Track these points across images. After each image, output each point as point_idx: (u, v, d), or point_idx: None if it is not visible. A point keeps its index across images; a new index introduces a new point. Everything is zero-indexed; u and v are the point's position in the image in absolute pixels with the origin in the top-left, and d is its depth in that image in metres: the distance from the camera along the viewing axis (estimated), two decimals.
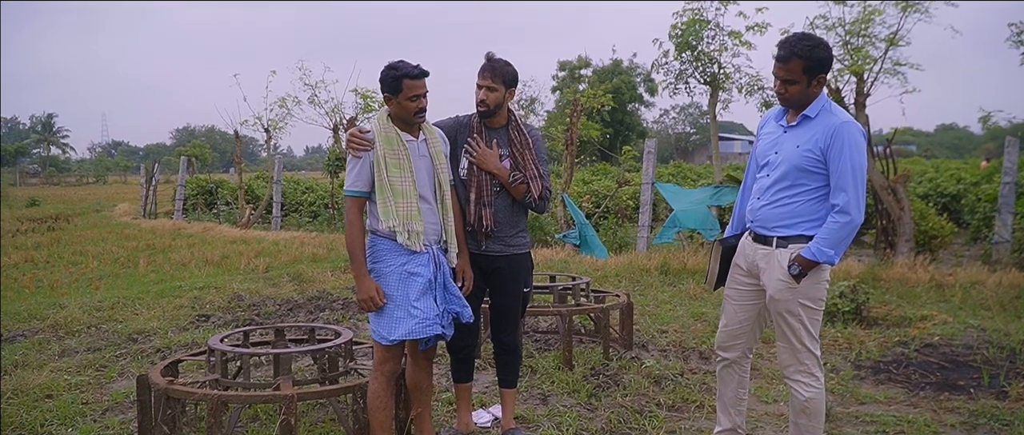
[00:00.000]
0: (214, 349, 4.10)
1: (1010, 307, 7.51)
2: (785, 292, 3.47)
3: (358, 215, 3.63)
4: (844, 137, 3.35)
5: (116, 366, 5.78)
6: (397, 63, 3.63)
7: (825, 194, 3.43)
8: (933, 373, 5.42)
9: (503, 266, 4.04)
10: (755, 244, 3.63)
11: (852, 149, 3.34)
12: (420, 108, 3.65)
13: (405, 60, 3.65)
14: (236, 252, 12.31)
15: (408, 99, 3.61)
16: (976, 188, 15.18)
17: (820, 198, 3.44)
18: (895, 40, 9.49)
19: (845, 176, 3.33)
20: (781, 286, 3.48)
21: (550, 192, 4.07)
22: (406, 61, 3.65)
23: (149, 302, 8.15)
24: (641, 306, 7.67)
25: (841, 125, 3.38)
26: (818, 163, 3.40)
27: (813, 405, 3.53)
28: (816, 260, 3.37)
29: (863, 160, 3.37)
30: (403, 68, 3.60)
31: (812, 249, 3.37)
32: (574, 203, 12.03)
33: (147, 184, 21.87)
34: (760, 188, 3.63)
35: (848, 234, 3.37)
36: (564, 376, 5.31)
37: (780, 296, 3.49)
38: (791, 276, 3.43)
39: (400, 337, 3.57)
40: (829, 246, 3.35)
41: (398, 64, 3.63)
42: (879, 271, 8.92)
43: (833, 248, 3.35)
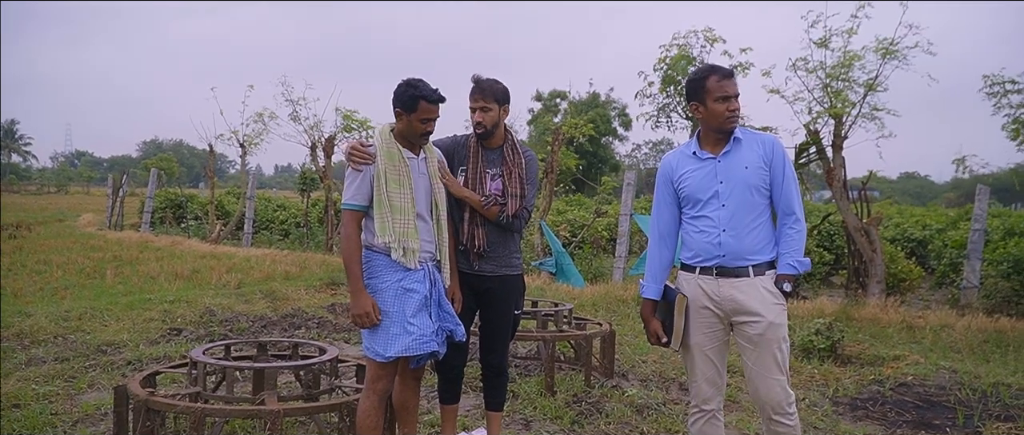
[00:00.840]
0: (197, 361, 4.01)
1: (979, 351, 7.63)
2: (782, 315, 3.41)
3: (356, 229, 3.58)
4: (781, 149, 3.49)
5: (86, 377, 5.64)
6: (417, 82, 3.60)
7: (770, 213, 3.49)
8: (909, 411, 5.47)
9: (494, 287, 4.02)
10: (724, 280, 3.43)
11: (787, 160, 3.50)
12: (427, 131, 3.65)
13: (426, 82, 3.62)
14: (206, 267, 12.12)
15: (420, 120, 3.59)
16: (942, 234, 15.48)
17: (770, 217, 3.49)
18: (874, 85, 9.68)
19: (790, 185, 3.44)
20: (778, 310, 3.40)
21: (528, 213, 4.05)
22: (427, 83, 3.62)
23: (118, 314, 7.98)
24: (619, 336, 7.66)
25: (775, 140, 3.50)
26: (766, 180, 3.45)
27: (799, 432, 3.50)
28: (800, 273, 3.43)
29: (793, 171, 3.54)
30: (423, 89, 3.58)
31: (792, 263, 3.40)
32: (552, 232, 12.06)
33: (114, 195, 21.50)
34: (719, 221, 3.44)
35: (804, 241, 3.48)
36: (546, 402, 5.28)
37: (780, 320, 3.40)
38: (784, 296, 3.42)
39: (396, 354, 3.50)
40: (802, 255, 3.43)
41: (419, 83, 3.60)
42: (851, 310, 9.02)
43: (802, 255, 3.44)
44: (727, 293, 3.45)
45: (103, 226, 21.03)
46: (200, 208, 20.86)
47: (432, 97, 3.59)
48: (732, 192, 3.43)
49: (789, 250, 3.39)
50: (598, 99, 46.70)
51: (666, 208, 3.64)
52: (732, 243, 3.43)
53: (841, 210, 10.26)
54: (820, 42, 9.91)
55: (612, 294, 9.95)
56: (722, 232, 3.46)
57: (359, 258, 3.56)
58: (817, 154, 10.27)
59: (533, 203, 4.14)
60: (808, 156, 10.38)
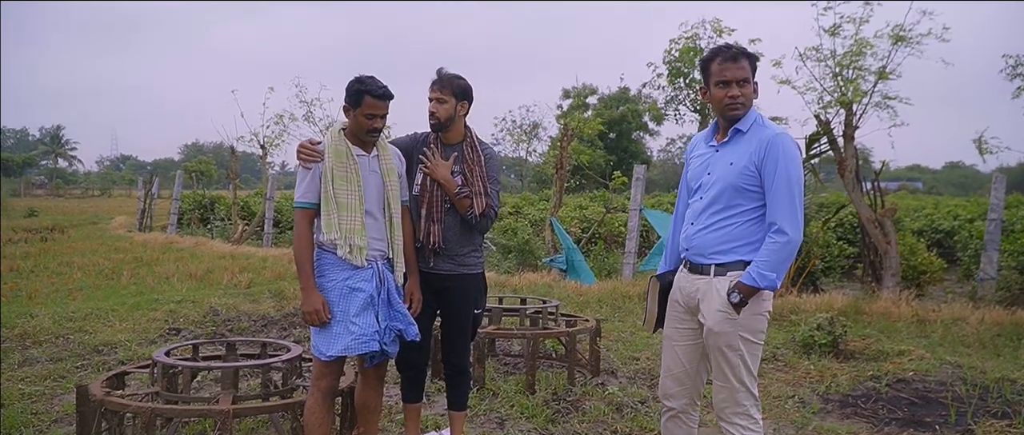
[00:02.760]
0: (157, 361, 4.03)
1: (990, 345, 7.39)
2: (725, 324, 3.20)
3: (307, 227, 3.58)
4: (779, 150, 3.15)
5: (74, 377, 5.71)
6: (365, 78, 3.60)
7: (762, 215, 3.21)
8: (901, 409, 5.32)
9: (453, 285, 3.97)
10: (691, 276, 3.36)
11: (787, 162, 3.14)
12: (374, 128, 3.61)
13: (376, 78, 3.62)
14: (221, 267, 12.26)
15: (364, 115, 3.57)
16: (970, 225, 15.08)
17: (758, 219, 3.22)
18: (885, 73, 9.43)
19: (780, 192, 3.13)
20: (720, 317, 3.21)
21: (495, 211, 3.99)
22: (376, 79, 3.61)
23: (123, 314, 8.09)
24: (617, 332, 7.59)
25: (775, 137, 3.17)
26: (753, 180, 3.19)
27: None
28: (757, 286, 3.12)
29: (800, 174, 3.17)
30: (368, 84, 3.57)
31: (752, 274, 3.12)
32: (562, 228, 11.98)
33: (144, 198, 21.89)
34: (693, 213, 3.39)
35: (788, 255, 3.15)
36: (525, 401, 5.22)
37: (719, 329, 3.21)
38: (731, 305, 3.17)
39: (337, 353, 3.50)
40: (769, 269, 3.11)
41: (366, 79, 3.59)
42: (862, 304, 8.80)
43: (774, 271, 3.11)
44: (690, 289, 3.38)
45: (133, 228, 21.41)
46: (226, 209, 21.13)
47: (377, 92, 3.56)
48: (712, 186, 3.30)
49: (759, 260, 3.14)
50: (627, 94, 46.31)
51: (684, 188, 3.58)
52: (697, 238, 3.34)
53: (854, 201, 10.02)
54: (831, 30, 9.70)
55: (619, 290, 9.84)
56: (692, 225, 3.39)
57: (310, 256, 3.56)
58: (829, 145, 10.05)
59: (499, 201, 4.08)
60: (819, 147, 10.16)
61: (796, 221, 3.14)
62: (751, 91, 3.25)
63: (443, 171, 3.85)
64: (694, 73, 10.95)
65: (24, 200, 44.12)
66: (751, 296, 3.17)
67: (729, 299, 3.18)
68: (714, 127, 3.43)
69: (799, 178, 3.17)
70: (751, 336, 3.24)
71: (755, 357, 3.27)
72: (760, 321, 3.25)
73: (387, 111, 3.65)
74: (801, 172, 3.21)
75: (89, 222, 25.01)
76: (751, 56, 3.26)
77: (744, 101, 3.23)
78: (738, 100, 3.23)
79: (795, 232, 3.13)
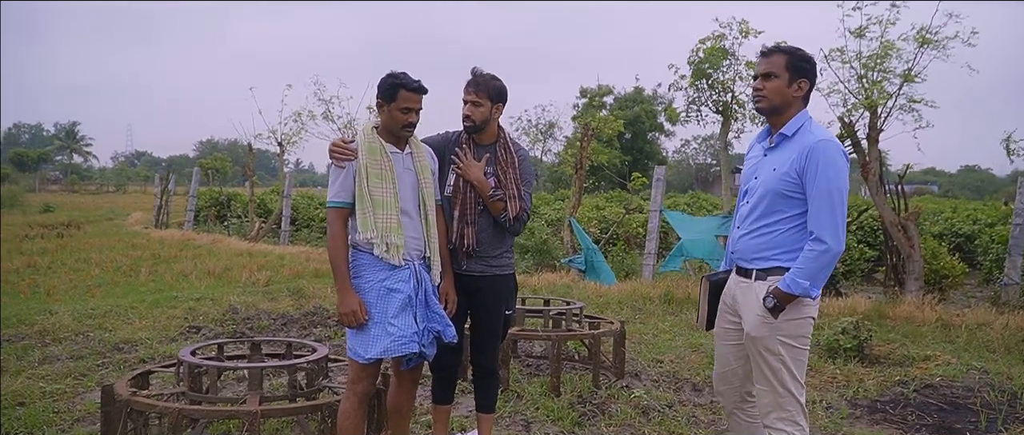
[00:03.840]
0: (183, 361, 4.00)
1: (1015, 350, 7.28)
2: (762, 328, 3.20)
3: (341, 227, 3.52)
4: (820, 157, 3.08)
5: (95, 375, 5.70)
6: (399, 73, 3.57)
7: (805, 222, 3.17)
8: (931, 415, 5.23)
9: (484, 287, 3.91)
10: (737, 278, 3.38)
11: (829, 170, 3.07)
12: (409, 122, 3.56)
13: (408, 73, 3.60)
14: (239, 265, 12.27)
15: (400, 109, 3.52)
16: (990, 229, 14.91)
17: (800, 226, 3.18)
18: (911, 76, 9.32)
19: (821, 200, 3.07)
20: (757, 321, 3.21)
21: (528, 214, 3.94)
22: (408, 74, 3.59)
23: (142, 312, 8.09)
24: (640, 334, 7.53)
25: (817, 143, 3.10)
26: (796, 187, 3.14)
27: None
28: (791, 293, 3.09)
29: (842, 183, 3.09)
30: (403, 79, 3.54)
31: (787, 280, 3.10)
32: (581, 228, 11.92)
33: (161, 194, 21.97)
34: (740, 216, 3.39)
35: (826, 264, 3.09)
36: (550, 403, 5.17)
37: (757, 333, 3.21)
38: (767, 310, 3.16)
39: (376, 356, 3.43)
40: (804, 277, 3.07)
41: (399, 74, 3.57)
42: (886, 309, 8.70)
43: (809, 279, 3.08)
44: (735, 291, 3.41)
45: (149, 225, 21.47)
46: (242, 206, 21.17)
47: (412, 86, 3.52)
48: (757, 191, 3.30)
49: (796, 268, 3.10)
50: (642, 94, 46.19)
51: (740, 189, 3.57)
52: (742, 242, 3.36)
53: (877, 205, 9.91)
54: (857, 32, 9.59)
55: (639, 292, 9.77)
56: (738, 228, 3.41)
57: (345, 256, 3.51)
58: (853, 147, 9.94)
59: (531, 203, 4.04)
60: None
61: (836, 231, 3.08)
62: (777, 86, 3.21)
63: (476, 172, 3.80)
64: (717, 74, 10.86)
65: (39, 195, 44.37)
66: (787, 302, 3.15)
67: (764, 303, 3.18)
68: (767, 130, 3.41)
69: (841, 187, 3.10)
70: (793, 342, 3.20)
71: (799, 363, 3.24)
72: (802, 326, 3.21)
73: (421, 105, 3.60)
74: (844, 181, 3.13)
75: (105, 218, 25.13)
76: (788, 51, 3.22)
77: (767, 95, 3.22)
78: (759, 92, 3.24)
79: (835, 242, 3.08)
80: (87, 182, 69.53)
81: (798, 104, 3.25)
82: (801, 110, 3.26)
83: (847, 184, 3.14)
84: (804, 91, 3.24)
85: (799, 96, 3.23)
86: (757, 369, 3.30)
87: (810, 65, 3.24)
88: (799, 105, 3.25)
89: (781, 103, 3.22)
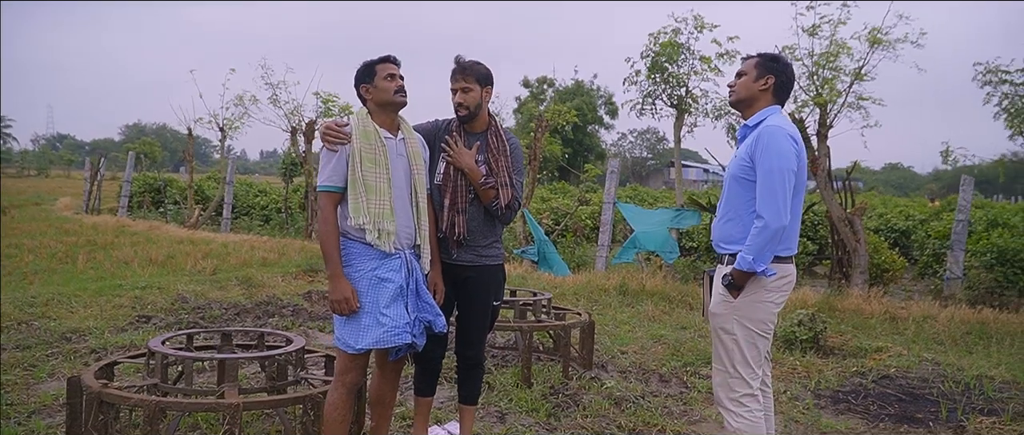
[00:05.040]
0: (154, 351, 3.84)
1: (961, 342, 7.56)
2: (719, 306, 3.39)
3: (333, 212, 3.43)
4: (764, 141, 3.26)
5: (46, 366, 5.45)
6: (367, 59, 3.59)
7: None
8: (891, 405, 5.37)
9: (473, 276, 3.85)
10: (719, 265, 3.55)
11: (769, 152, 3.23)
12: (399, 87, 3.53)
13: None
14: (182, 252, 11.90)
15: (384, 79, 3.51)
16: (925, 225, 15.46)
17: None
18: (861, 74, 9.57)
19: (763, 180, 3.24)
20: (718, 300, 3.40)
21: (519, 203, 3.89)
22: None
23: (86, 300, 7.77)
24: (601, 325, 7.54)
25: (763, 129, 3.30)
26: (751, 172, 3.31)
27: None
28: (740, 268, 3.27)
29: (783, 163, 3.22)
30: (373, 58, 3.58)
31: (738, 257, 3.28)
32: (534, 219, 11.91)
33: (91, 179, 21.18)
34: (718, 206, 3.60)
35: (767, 240, 3.22)
36: (523, 394, 5.14)
37: (716, 310, 3.41)
38: (725, 288, 3.35)
39: (367, 346, 3.35)
40: (749, 252, 3.24)
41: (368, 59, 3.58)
42: (834, 301, 8.94)
43: (752, 254, 3.23)
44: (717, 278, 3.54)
45: (80, 210, 20.71)
46: (179, 193, 20.57)
47: (384, 58, 3.57)
48: (726, 179, 3.50)
49: (744, 245, 3.28)
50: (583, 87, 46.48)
51: None
52: (715, 229, 3.54)
53: (825, 200, 10.17)
54: (809, 30, 9.80)
55: (594, 283, 9.81)
56: (716, 217, 3.58)
57: (337, 242, 3.41)
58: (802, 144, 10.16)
59: (523, 192, 3.99)
60: None
61: (775, 207, 3.21)
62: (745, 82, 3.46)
63: (467, 159, 3.73)
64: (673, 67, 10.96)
65: None
66: (741, 281, 3.31)
67: (722, 282, 3.38)
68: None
69: (782, 168, 3.23)
70: (750, 324, 3.35)
71: (752, 346, 3.37)
72: (758, 309, 3.35)
73: (401, 72, 3.60)
74: (787, 162, 3.24)
75: (32, 203, 24.13)
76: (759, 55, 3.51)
77: (736, 89, 3.50)
78: (732, 88, 3.54)
79: (773, 218, 3.21)
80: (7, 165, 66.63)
81: (766, 98, 3.45)
82: (770, 105, 3.45)
83: (791, 165, 3.25)
84: (770, 86, 3.44)
85: (765, 90, 3.44)
86: (714, 349, 3.48)
87: (777, 63, 3.47)
88: (767, 99, 3.45)
89: (747, 96, 3.46)
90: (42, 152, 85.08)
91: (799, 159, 3.29)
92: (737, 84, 3.49)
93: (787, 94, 3.51)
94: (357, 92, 3.61)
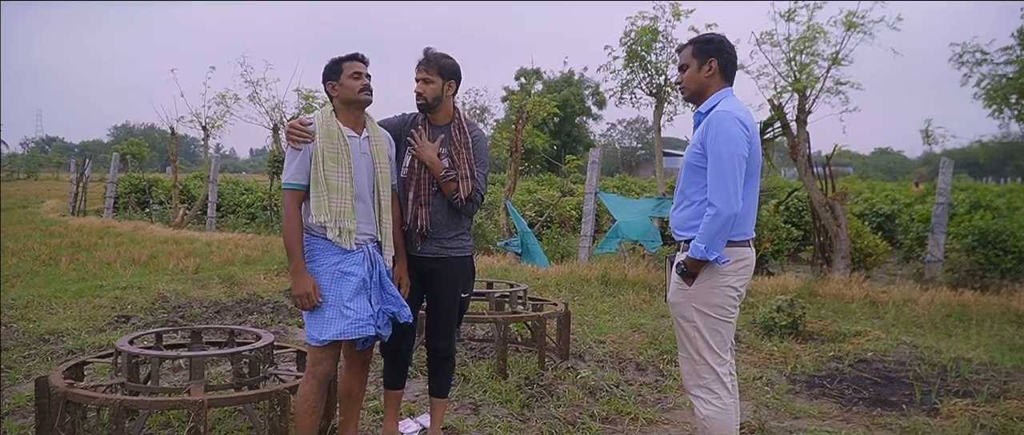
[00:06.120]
0: (121, 351, 3.83)
1: (941, 325, 7.60)
2: (677, 295, 3.38)
3: (296, 209, 3.46)
4: (715, 126, 3.23)
5: (22, 367, 5.44)
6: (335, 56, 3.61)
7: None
8: (866, 389, 5.40)
9: (439, 268, 3.86)
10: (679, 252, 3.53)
11: (718, 138, 3.20)
12: (364, 85, 3.54)
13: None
14: (165, 252, 11.87)
15: (350, 77, 3.53)
16: (909, 209, 15.52)
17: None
18: (839, 59, 9.59)
19: (713, 167, 3.21)
20: (674, 289, 3.39)
21: (481, 196, 3.88)
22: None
23: (66, 301, 7.75)
24: (580, 316, 7.56)
25: (712, 115, 3.27)
26: (703, 159, 3.28)
27: (712, 425, 3.34)
28: (693, 257, 3.25)
29: (732, 148, 3.18)
30: (341, 56, 3.59)
31: (692, 245, 3.27)
32: (517, 211, 11.91)
33: (77, 181, 21.07)
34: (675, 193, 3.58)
35: (719, 228, 3.19)
36: (497, 385, 5.15)
37: (674, 299, 3.41)
38: (680, 276, 3.33)
39: (331, 337, 3.40)
40: (701, 241, 3.22)
41: (336, 56, 3.60)
42: (815, 286, 8.97)
43: (703, 242, 3.21)
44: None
45: (66, 212, 20.60)
46: (165, 192, 20.49)
47: (351, 55, 3.58)
48: (682, 166, 3.48)
49: (698, 233, 3.26)
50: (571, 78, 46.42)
51: None
52: (673, 216, 3.54)
53: (806, 185, 10.19)
54: (786, 15, 9.81)
55: (576, 274, 9.82)
56: (673, 204, 3.57)
57: (300, 238, 3.45)
58: (782, 129, 10.18)
59: (486, 185, 3.98)
60: (773, 131, 10.28)
61: (726, 194, 3.18)
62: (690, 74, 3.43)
63: (429, 153, 3.74)
64: (651, 56, 10.96)
65: None
66: (695, 268, 3.30)
67: (676, 270, 3.37)
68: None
69: (731, 153, 3.20)
70: (708, 310, 3.33)
71: (715, 332, 3.35)
72: (716, 295, 3.33)
73: (368, 72, 3.60)
74: (736, 147, 3.21)
75: (18, 206, 23.96)
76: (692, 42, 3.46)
77: (685, 84, 3.47)
78: (680, 84, 3.52)
79: (725, 205, 3.18)
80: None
81: (716, 82, 3.41)
82: (721, 88, 3.41)
83: (741, 150, 3.21)
84: (714, 69, 3.39)
85: (712, 76, 3.39)
86: (678, 338, 3.47)
87: (713, 45, 3.40)
88: (717, 83, 3.41)
89: (698, 88, 3.42)
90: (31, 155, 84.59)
91: (751, 143, 3.25)
92: (684, 78, 3.45)
93: (733, 70, 3.44)
94: (324, 88, 3.64)
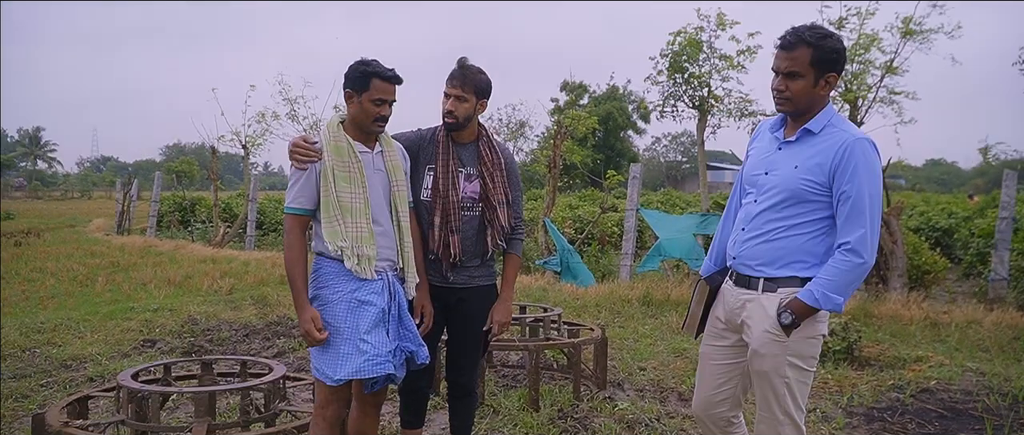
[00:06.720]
0: (122, 386, 3.60)
1: (1009, 349, 7.07)
2: (772, 346, 2.81)
3: (299, 237, 3.14)
4: (858, 158, 2.70)
5: (39, 396, 5.27)
6: (371, 60, 3.20)
7: (827, 228, 2.81)
8: (931, 423, 4.96)
9: (467, 298, 3.54)
10: (736, 288, 2.97)
11: (868, 173, 2.70)
12: (381, 115, 3.19)
13: (380, 61, 3.22)
14: (201, 272, 11.78)
15: (372, 101, 3.15)
16: (969, 223, 14.82)
17: (821, 233, 2.82)
18: (893, 67, 9.12)
19: (857, 207, 2.69)
20: (767, 339, 2.81)
21: (521, 221, 3.58)
22: (381, 62, 3.22)
23: (95, 324, 7.63)
24: (620, 339, 7.20)
25: (854, 142, 2.72)
26: (821, 190, 2.77)
27: None
28: (817, 307, 2.72)
29: (879, 188, 2.75)
30: (376, 66, 3.17)
31: (814, 292, 2.71)
32: (556, 229, 11.59)
33: (122, 199, 21.31)
34: (746, 217, 2.96)
35: (857, 278, 2.74)
36: (528, 418, 4.82)
37: (766, 351, 2.82)
38: (781, 327, 2.77)
39: (346, 376, 3.05)
40: (835, 291, 2.70)
41: (371, 61, 3.20)
42: (871, 307, 8.48)
43: (840, 293, 2.70)
44: (734, 304, 2.98)
45: (111, 231, 20.83)
46: (207, 211, 20.60)
47: (386, 74, 3.16)
48: (770, 189, 2.88)
49: (824, 279, 2.73)
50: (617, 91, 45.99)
51: (739, 183, 3.14)
52: (747, 247, 2.93)
53: None
54: (837, 23, 9.38)
55: (617, 294, 9.45)
56: (743, 230, 2.97)
57: (302, 270, 3.12)
58: None
59: (522, 209, 3.67)
60: None
61: (874, 242, 2.72)
62: (803, 87, 2.79)
63: None
64: (694, 67, 10.59)
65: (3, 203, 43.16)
66: (805, 318, 2.76)
67: (779, 320, 2.78)
68: (782, 119, 2.99)
69: (876, 192, 2.75)
70: (801, 363, 2.83)
71: (804, 386, 2.87)
72: (813, 346, 2.85)
73: (395, 97, 3.23)
74: (879, 187, 2.78)
75: (66, 225, 24.36)
76: (813, 44, 2.76)
77: (790, 96, 2.82)
78: (782, 94, 2.83)
79: (870, 255, 2.72)
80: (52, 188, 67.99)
81: (824, 99, 2.87)
82: (826, 104, 2.88)
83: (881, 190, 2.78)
84: (831, 87, 2.86)
85: (825, 94, 2.85)
86: (759, 394, 2.93)
87: (838, 55, 2.82)
88: (825, 99, 2.88)
89: (808, 105, 2.84)
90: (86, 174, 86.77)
91: None
92: (791, 90, 2.81)
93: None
94: (343, 93, 3.26)
